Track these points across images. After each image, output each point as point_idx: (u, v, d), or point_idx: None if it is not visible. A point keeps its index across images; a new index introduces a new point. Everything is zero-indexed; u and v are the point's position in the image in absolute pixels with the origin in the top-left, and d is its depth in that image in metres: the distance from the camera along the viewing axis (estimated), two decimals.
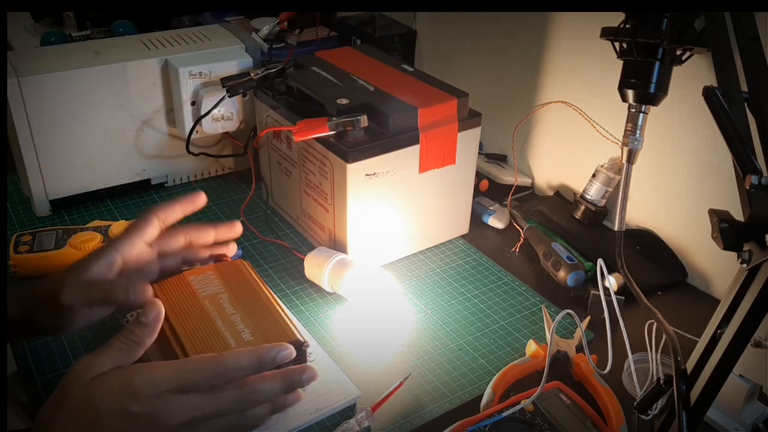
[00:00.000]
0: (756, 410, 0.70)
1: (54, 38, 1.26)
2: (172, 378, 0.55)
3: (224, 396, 0.56)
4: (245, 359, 0.58)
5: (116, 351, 0.57)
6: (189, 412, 0.54)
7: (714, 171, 0.86)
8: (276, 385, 0.59)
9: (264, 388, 0.59)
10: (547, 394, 0.70)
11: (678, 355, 0.58)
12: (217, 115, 1.01)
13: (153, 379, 0.54)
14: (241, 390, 0.57)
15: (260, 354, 0.59)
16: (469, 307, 0.86)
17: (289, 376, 0.60)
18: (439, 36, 1.26)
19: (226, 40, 1.07)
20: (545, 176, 1.12)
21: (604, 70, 0.95)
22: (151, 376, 0.54)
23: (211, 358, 0.57)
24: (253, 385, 0.58)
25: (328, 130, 0.84)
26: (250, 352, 0.59)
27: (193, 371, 0.56)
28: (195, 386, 0.55)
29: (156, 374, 0.55)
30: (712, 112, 0.57)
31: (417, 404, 0.72)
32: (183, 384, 0.55)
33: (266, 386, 0.59)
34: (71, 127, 0.96)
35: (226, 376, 0.57)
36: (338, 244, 0.90)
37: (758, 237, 0.51)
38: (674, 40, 0.68)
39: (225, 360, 0.57)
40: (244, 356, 0.58)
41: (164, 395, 0.54)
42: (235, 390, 0.57)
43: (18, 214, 1.01)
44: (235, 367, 0.57)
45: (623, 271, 0.72)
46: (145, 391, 0.53)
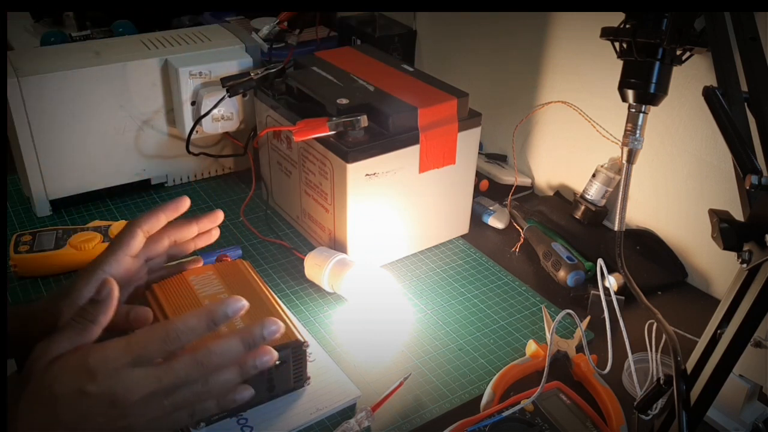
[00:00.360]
0: (756, 410, 0.70)
1: (54, 38, 1.26)
2: (124, 352, 0.53)
3: (179, 362, 0.54)
4: (194, 319, 0.55)
5: (71, 331, 0.56)
6: (147, 385, 0.52)
7: (714, 171, 0.86)
8: (233, 342, 0.56)
9: (220, 347, 0.55)
10: (547, 394, 0.70)
11: (678, 355, 0.58)
12: (217, 115, 1.01)
13: (105, 356, 0.53)
14: (196, 353, 0.54)
15: (210, 310, 0.56)
16: (469, 307, 0.86)
17: (246, 330, 0.57)
18: (439, 36, 1.26)
19: (226, 40, 1.07)
20: (545, 176, 1.12)
21: (604, 70, 0.95)
22: (104, 354, 0.53)
23: (159, 325, 0.55)
24: (207, 346, 0.55)
25: (328, 130, 0.84)
26: (200, 311, 0.56)
27: (143, 341, 0.54)
28: (148, 356, 0.53)
29: (108, 351, 0.53)
30: (712, 112, 0.57)
31: (417, 404, 0.72)
32: (136, 356, 0.53)
33: (222, 345, 0.55)
34: (71, 127, 0.96)
35: (178, 339, 0.54)
36: (338, 244, 0.90)
37: (758, 237, 0.51)
38: (674, 40, 0.68)
39: (173, 323, 0.55)
40: (192, 316, 0.55)
41: (119, 371, 0.52)
42: (190, 355, 0.54)
43: (18, 214, 1.01)
44: (185, 328, 0.54)
45: (623, 271, 0.72)
46: (100, 369, 0.52)
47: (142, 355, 0.53)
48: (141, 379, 0.52)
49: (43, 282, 0.87)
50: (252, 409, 0.68)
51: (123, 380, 0.52)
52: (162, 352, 0.54)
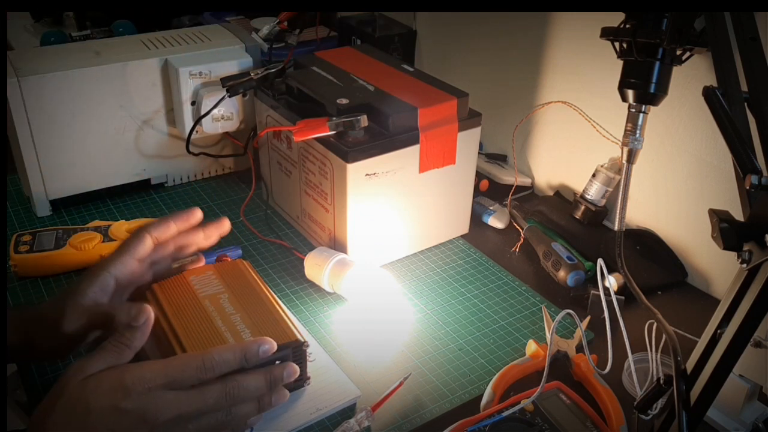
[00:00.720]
0: (756, 410, 0.70)
1: (54, 38, 1.26)
2: (161, 374, 0.56)
3: (210, 391, 0.58)
4: (230, 353, 0.60)
5: (108, 354, 0.59)
6: (177, 408, 0.56)
7: (714, 171, 0.86)
8: (259, 380, 0.61)
9: (248, 382, 0.60)
10: (547, 394, 0.70)
11: (678, 355, 0.58)
12: (217, 115, 1.01)
13: (142, 376, 0.56)
14: (226, 385, 0.59)
15: (244, 348, 0.61)
16: (469, 307, 0.86)
17: (271, 372, 0.62)
18: (439, 36, 1.26)
19: (226, 40, 1.07)
20: (545, 176, 1.12)
21: (604, 70, 0.95)
22: (141, 373, 0.56)
23: (197, 354, 0.59)
24: (237, 379, 0.60)
25: (328, 130, 0.84)
26: (235, 347, 0.61)
27: (180, 367, 0.58)
28: (182, 381, 0.57)
29: (145, 371, 0.56)
30: (712, 112, 0.57)
31: (417, 404, 0.72)
32: (171, 380, 0.56)
33: (250, 381, 0.60)
34: (71, 127, 0.96)
35: (212, 370, 0.58)
36: (338, 244, 0.90)
37: (758, 237, 0.51)
38: (674, 40, 0.68)
39: (210, 354, 0.59)
40: (228, 350, 0.60)
41: (153, 391, 0.55)
42: (221, 385, 0.59)
43: (18, 214, 1.01)
44: (220, 360, 0.59)
45: (623, 271, 0.72)
46: (135, 388, 0.55)
47: (177, 379, 0.57)
48: (173, 401, 0.56)
49: (43, 282, 0.87)
50: None
51: (156, 400, 0.55)
52: (195, 379, 0.58)
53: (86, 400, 0.54)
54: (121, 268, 0.69)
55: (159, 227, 0.72)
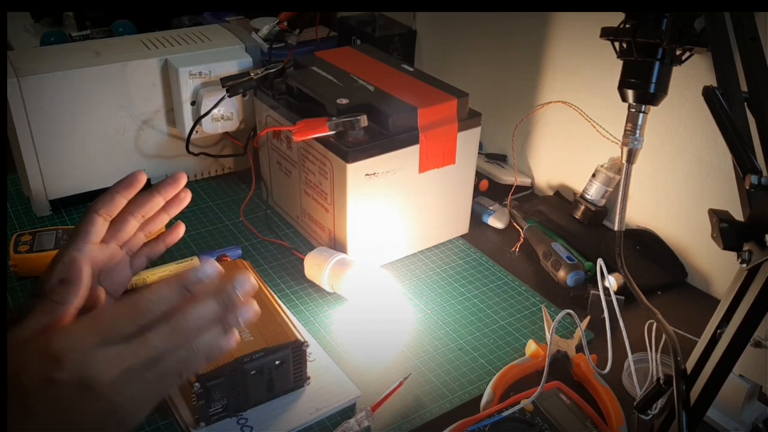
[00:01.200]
0: (756, 410, 0.70)
1: (54, 38, 1.26)
2: (91, 331, 0.49)
3: (153, 333, 0.50)
4: (164, 287, 0.51)
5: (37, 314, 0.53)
6: (121, 363, 0.48)
7: (714, 171, 0.86)
8: (208, 303, 0.51)
9: (195, 311, 0.51)
10: (547, 394, 0.70)
11: (678, 355, 0.58)
12: (217, 115, 1.01)
13: (70, 338, 0.49)
14: (170, 321, 0.50)
15: (180, 275, 0.52)
16: (469, 307, 0.86)
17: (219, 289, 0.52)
18: (439, 36, 1.26)
19: (226, 40, 1.07)
20: (545, 176, 1.12)
21: (604, 70, 0.95)
22: (68, 336, 0.49)
23: (126, 299, 0.51)
24: (181, 312, 0.50)
25: (328, 130, 0.84)
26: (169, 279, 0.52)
27: (110, 318, 0.50)
28: (118, 332, 0.49)
29: (72, 333, 0.49)
30: (712, 112, 0.57)
31: (417, 404, 0.72)
32: (104, 335, 0.49)
33: (197, 309, 0.51)
34: (71, 127, 0.96)
35: (149, 310, 0.50)
36: (338, 244, 0.90)
37: (758, 237, 0.51)
38: (674, 40, 0.68)
39: (141, 295, 0.51)
40: (162, 284, 0.51)
41: (87, 352, 0.48)
42: (163, 323, 0.50)
43: (18, 214, 1.01)
44: (156, 298, 0.51)
45: (623, 271, 0.72)
46: (66, 354, 0.47)
47: (111, 331, 0.49)
48: (113, 357, 0.48)
49: None
50: (252, 409, 0.69)
51: (93, 361, 0.48)
52: (132, 325, 0.50)
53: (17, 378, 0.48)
54: (75, 254, 0.62)
55: (103, 202, 0.64)
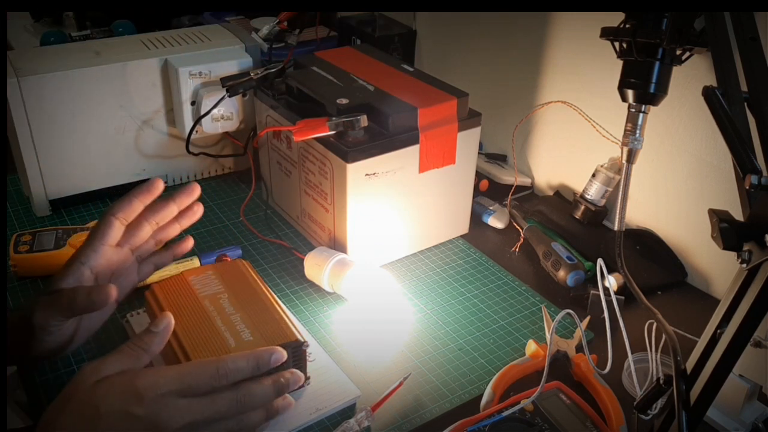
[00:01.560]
0: (756, 410, 0.70)
1: (54, 38, 1.26)
2: (175, 380, 0.56)
3: (222, 398, 0.57)
4: (243, 361, 0.60)
5: (124, 356, 0.58)
6: (189, 415, 0.55)
7: (714, 171, 0.86)
8: (268, 388, 0.61)
9: (258, 390, 0.60)
10: (547, 394, 0.70)
11: (678, 355, 0.58)
12: (217, 115, 1.01)
13: (156, 381, 0.55)
14: (238, 392, 0.59)
15: (257, 356, 0.61)
16: (469, 307, 0.86)
17: (278, 379, 0.62)
18: (439, 36, 1.26)
19: (226, 40, 1.07)
20: (545, 176, 1.12)
21: (604, 70, 0.95)
22: (155, 379, 0.55)
23: (211, 361, 0.59)
24: (248, 387, 0.59)
25: (327, 130, 0.84)
26: (248, 355, 0.61)
27: (194, 374, 0.57)
28: (196, 389, 0.56)
29: (159, 377, 0.55)
30: (712, 112, 0.57)
31: (417, 404, 0.72)
32: (185, 386, 0.56)
33: (260, 389, 0.60)
34: (71, 127, 0.96)
35: (226, 378, 0.58)
36: (338, 244, 0.90)
37: (758, 237, 0.51)
38: (674, 40, 0.68)
39: (225, 362, 0.59)
40: (242, 359, 0.60)
41: (166, 398, 0.55)
42: (233, 392, 0.58)
43: (18, 214, 1.01)
44: (234, 368, 0.59)
45: (623, 271, 0.72)
46: (148, 394, 0.54)
47: (191, 386, 0.56)
48: (185, 408, 0.55)
49: (43, 282, 0.87)
50: None
51: (169, 407, 0.54)
52: (209, 386, 0.57)
53: (96, 404, 0.53)
54: (94, 257, 0.66)
55: (121, 206, 0.69)
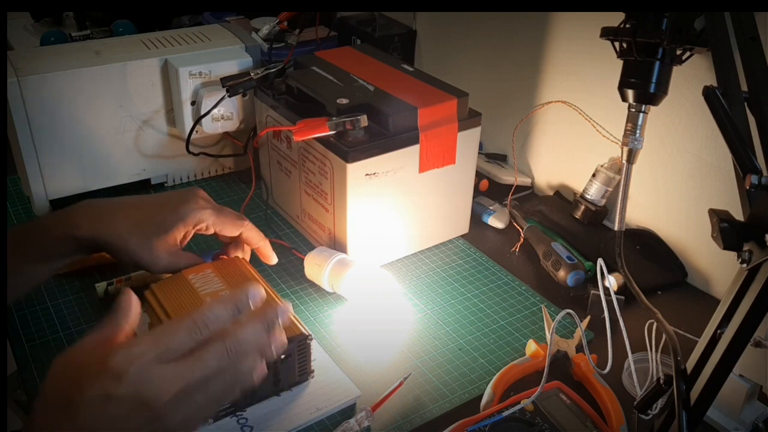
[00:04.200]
0: (756, 410, 0.70)
1: (54, 38, 1.26)
2: (151, 346, 0.49)
3: (209, 352, 0.51)
4: (219, 306, 0.54)
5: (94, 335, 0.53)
6: (177, 381, 0.49)
7: (714, 171, 0.86)
8: (257, 328, 0.54)
9: (246, 333, 0.53)
10: (547, 394, 0.70)
11: (678, 355, 0.58)
12: (217, 114, 1.01)
13: (130, 353, 0.48)
14: (225, 341, 0.52)
15: (233, 296, 0.55)
16: (469, 307, 0.86)
17: (264, 314, 0.56)
18: (439, 36, 1.26)
19: (226, 40, 1.07)
20: (545, 176, 1.12)
21: (604, 70, 0.95)
22: (128, 352, 0.48)
23: (185, 316, 0.53)
24: (234, 332, 0.53)
25: (328, 129, 0.84)
26: (224, 299, 0.55)
27: (170, 333, 0.51)
28: (176, 349, 0.50)
29: (132, 348, 0.49)
30: (712, 112, 0.57)
31: (417, 404, 0.72)
32: (163, 349, 0.49)
33: (248, 331, 0.54)
34: (71, 127, 0.96)
35: (206, 327, 0.52)
36: (338, 243, 0.90)
37: (758, 237, 0.51)
38: (674, 40, 0.68)
39: (200, 312, 0.52)
40: (218, 304, 0.54)
41: (146, 368, 0.48)
42: (218, 343, 0.52)
43: (18, 214, 1.01)
44: (212, 317, 0.53)
45: (623, 271, 0.72)
46: (126, 369, 0.47)
47: (171, 347, 0.50)
48: (171, 374, 0.49)
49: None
50: (252, 407, 0.68)
51: (153, 378, 0.48)
52: (190, 342, 0.51)
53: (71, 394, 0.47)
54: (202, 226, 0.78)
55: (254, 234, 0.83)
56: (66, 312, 0.82)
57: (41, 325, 0.80)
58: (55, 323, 0.80)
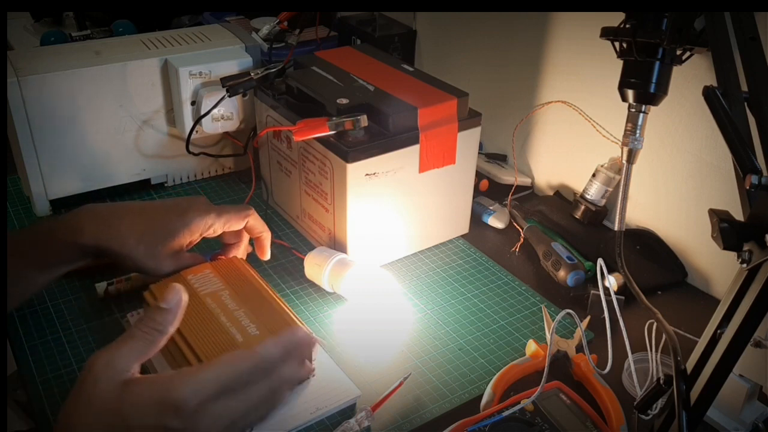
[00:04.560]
0: (756, 410, 0.70)
1: (54, 38, 1.26)
2: (214, 383, 0.51)
3: (258, 390, 0.55)
4: (275, 348, 0.57)
5: (137, 342, 0.53)
6: (228, 417, 0.51)
7: (714, 171, 0.86)
8: (294, 366, 0.60)
9: (288, 371, 0.58)
10: (547, 394, 0.70)
11: (678, 355, 0.58)
12: (217, 114, 1.01)
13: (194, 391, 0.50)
14: (272, 381, 0.56)
15: (285, 340, 0.59)
16: (469, 307, 0.86)
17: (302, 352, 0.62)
18: (439, 36, 1.26)
19: (226, 40, 1.07)
20: (545, 176, 1.12)
21: (604, 70, 0.95)
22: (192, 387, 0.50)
23: (246, 356, 0.55)
24: (279, 372, 0.57)
25: (328, 129, 0.84)
26: (277, 341, 0.58)
27: (233, 373, 0.53)
28: (235, 388, 0.52)
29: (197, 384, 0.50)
30: (712, 112, 0.57)
31: (417, 404, 0.72)
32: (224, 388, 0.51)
33: (288, 369, 0.58)
34: (71, 127, 0.96)
35: (264, 370, 0.55)
36: (338, 243, 0.90)
37: (758, 237, 0.51)
38: (674, 40, 0.68)
39: (260, 354, 0.55)
40: (273, 346, 0.57)
41: (206, 404, 0.50)
42: (266, 381, 0.55)
43: (18, 214, 1.01)
44: (269, 358, 0.56)
45: (623, 271, 0.72)
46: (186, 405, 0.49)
47: (230, 387, 0.52)
48: (224, 410, 0.51)
49: None
50: None
51: (207, 414, 0.50)
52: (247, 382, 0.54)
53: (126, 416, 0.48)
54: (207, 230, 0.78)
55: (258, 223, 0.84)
56: (66, 312, 0.82)
57: (41, 325, 0.80)
58: (55, 323, 0.80)
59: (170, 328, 0.55)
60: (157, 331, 0.54)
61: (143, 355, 0.53)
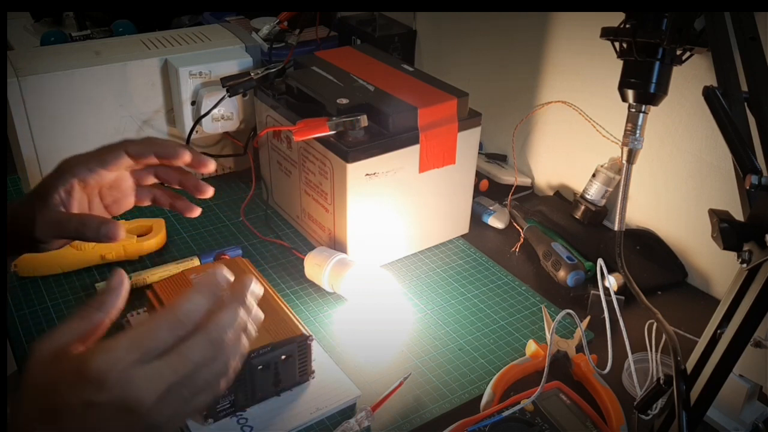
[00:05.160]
0: (756, 410, 0.70)
1: (54, 38, 1.26)
2: (132, 347, 0.46)
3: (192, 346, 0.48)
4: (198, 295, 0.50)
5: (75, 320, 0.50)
6: (162, 381, 0.46)
7: (714, 171, 0.86)
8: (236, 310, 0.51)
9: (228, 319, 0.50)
10: (547, 394, 0.70)
11: (678, 355, 0.58)
12: (217, 115, 1.01)
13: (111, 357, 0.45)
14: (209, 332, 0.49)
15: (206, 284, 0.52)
16: (469, 307, 0.86)
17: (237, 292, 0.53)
18: (439, 36, 1.26)
19: (226, 40, 1.07)
20: (545, 176, 1.12)
21: (604, 70, 0.95)
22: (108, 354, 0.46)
23: (164, 310, 0.49)
24: (215, 321, 0.50)
25: (328, 129, 0.84)
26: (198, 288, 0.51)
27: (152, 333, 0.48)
28: (158, 347, 0.47)
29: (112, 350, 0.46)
30: (712, 112, 0.57)
31: (417, 404, 0.72)
32: (145, 349, 0.47)
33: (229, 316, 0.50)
34: (71, 127, 0.96)
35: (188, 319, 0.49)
36: (338, 243, 0.90)
37: (758, 237, 0.51)
38: (674, 40, 0.68)
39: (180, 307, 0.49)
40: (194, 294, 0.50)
41: (129, 371, 0.45)
42: (202, 335, 0.49)
43: None
44: (192, 307, 0.50)
45: (623, 271, 0.72)
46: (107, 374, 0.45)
47: (151, 346, 0.47)
48: (155, 374, 0.46)
49: (43, 282, 0.87)
50: (252, 408, 0.69)
51: (135, 381, 0.45)
52: (172, 338, 0.48)
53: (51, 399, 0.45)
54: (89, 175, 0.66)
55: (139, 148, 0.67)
56: (66, 312, 0.82)
57: (41, 325, 0.80)
58: (55, 323, 0.80)
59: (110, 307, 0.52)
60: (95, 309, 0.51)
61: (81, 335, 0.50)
